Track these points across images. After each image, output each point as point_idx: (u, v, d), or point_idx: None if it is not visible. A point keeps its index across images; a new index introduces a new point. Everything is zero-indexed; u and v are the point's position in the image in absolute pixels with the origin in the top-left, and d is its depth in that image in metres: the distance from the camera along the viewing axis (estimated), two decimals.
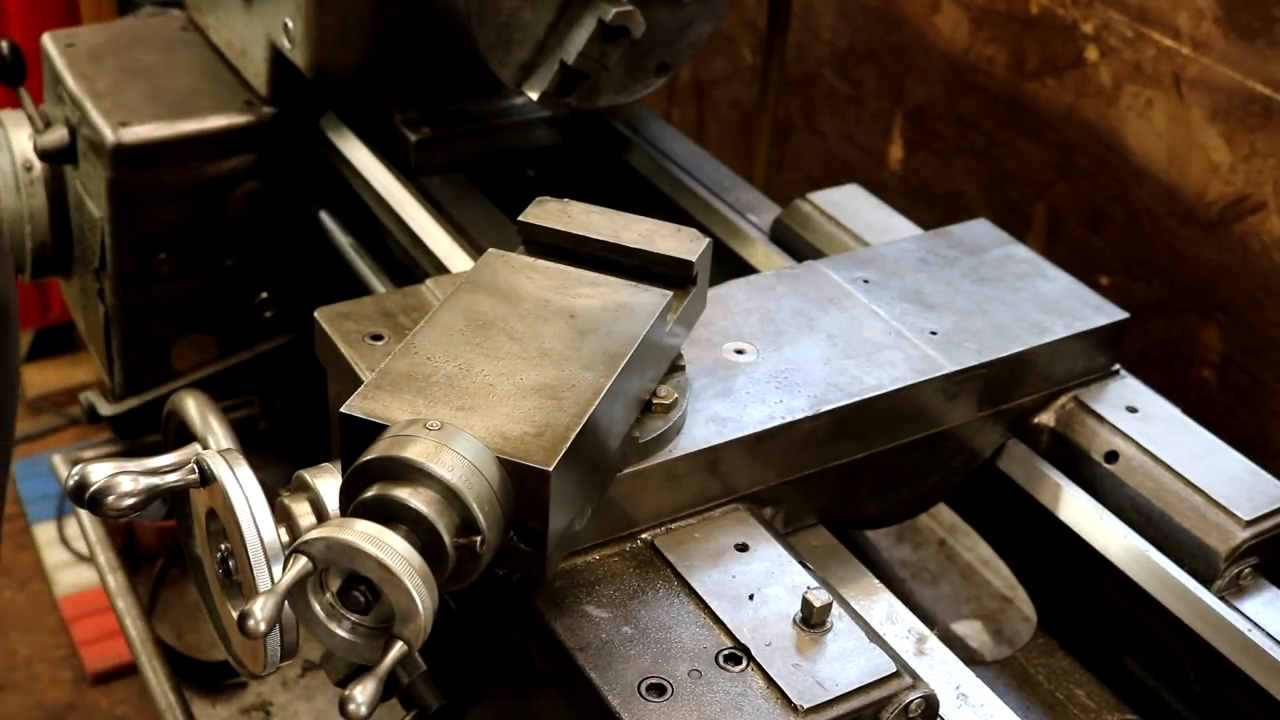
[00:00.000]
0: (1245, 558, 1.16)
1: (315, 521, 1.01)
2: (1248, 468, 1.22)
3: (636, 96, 1.60)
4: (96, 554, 1.82)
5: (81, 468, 0.93)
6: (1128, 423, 1.26)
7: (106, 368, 1.81)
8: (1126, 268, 1.84)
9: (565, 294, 1.04)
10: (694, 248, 1.09)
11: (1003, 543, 1.40)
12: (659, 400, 1.06)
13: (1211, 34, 1.66)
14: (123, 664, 2.25)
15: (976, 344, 1.23)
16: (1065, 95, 1.87)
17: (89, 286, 1.77)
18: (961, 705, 1.07)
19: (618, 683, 0.93)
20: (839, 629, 0.98)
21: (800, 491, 1.16)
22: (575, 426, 0.90)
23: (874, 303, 1.26)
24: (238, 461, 0.96)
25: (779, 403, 1.13)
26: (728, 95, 2.53)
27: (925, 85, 2.10)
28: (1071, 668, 1.26)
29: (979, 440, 1.27)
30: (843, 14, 2.23)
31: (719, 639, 0.97)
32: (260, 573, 0.94)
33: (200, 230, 1.70)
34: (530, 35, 1.46)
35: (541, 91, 1.49)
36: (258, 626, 0.79)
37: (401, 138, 1.64)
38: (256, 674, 1.00)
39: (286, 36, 1.57)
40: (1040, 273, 1.35)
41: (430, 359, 0.96)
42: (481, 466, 0.86)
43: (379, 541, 0.81)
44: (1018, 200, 1.99)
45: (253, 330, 1.80)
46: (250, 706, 1.90)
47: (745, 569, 1.03)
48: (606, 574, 1.03)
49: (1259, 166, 1.64)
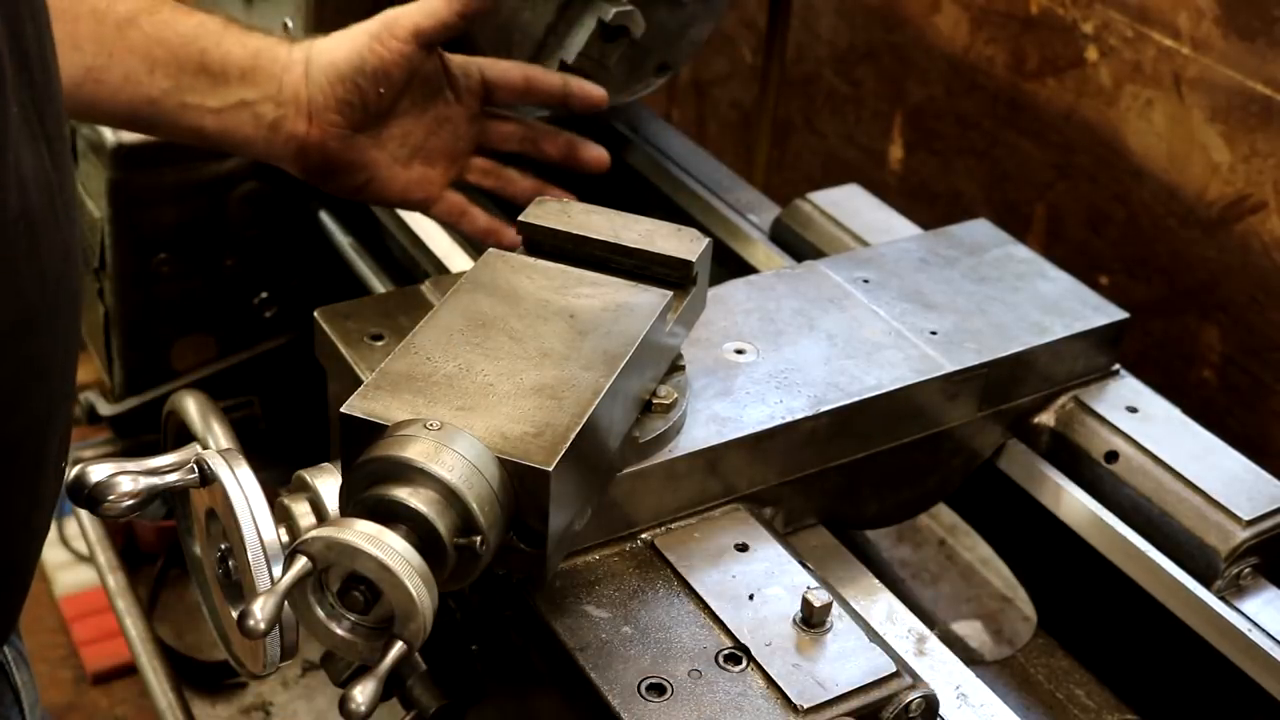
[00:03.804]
0: (1245, 558, 1.16)
1: (315, 521, 1.00)
2: (1248, 468, 1.22)
3: (636, 96, 1.60)
4: (96, 554, 1.82)
5: (81, 467, 0.93)
6: (1128, 423, 1.26)
7: (106, 368, 1.81)
8: (1126, 268, 1.84)
9: (565, 294, 1.04)
10: (694, 248, 1.09)
11: (1003, 543, 1.40)
12: (659, 400, 1.06)
13: (1211, 34, 1.66)
14: (122, 664, 2.25)
15: (976, 344, 1.23)
16: (1065, 95, 1.87)
17: (89, 286, 1.77)
18: (961, 705, 1.07)
19: (618, 682, 0.93)
20: (839, 629, 0.98)
21: (800, 491, 1.16)
22: (575, 426, 0.90)
23: (874, 303, 1.27)
24: (238, 461, 0.96)
25: (779, 403, 1.13)
26: (728, 95, 2.53)
27: (925, 85, 2.10)
28: (1071, 668, 1.26)
29: (979, 440, 1.27)
30: (843, 14, 2.23)
31: (719, 639, 0.97)
32: (260, 573, 0.94)
33: (200, 230, 1.70)
34: (530, 35, 1.46)
35: None
36: (258, 626, 0.79)
37: None
38: (256, 674, 1.00)
39: (286, 36, 1.57)
40: (1040, 273, 1.35)
41: (430, 359, 0.96)
42: (481, 466, 0.86)
43: (379, 541, 0.81)
44: (1018, 200, 1.99)
45: (253, 330, 1.80)
46: (250, 706, 1.90)
47: (745, 569, 1.03)
48: (606, 574, 1.03)
49: (1259, 166, 1.64)
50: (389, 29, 1.27)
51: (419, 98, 1.33)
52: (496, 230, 1.39)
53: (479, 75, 1.37)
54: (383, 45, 1.27)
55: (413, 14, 1.28)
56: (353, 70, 1.26)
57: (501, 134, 1.41)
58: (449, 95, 1.35)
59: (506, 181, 1.41)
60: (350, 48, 1.27)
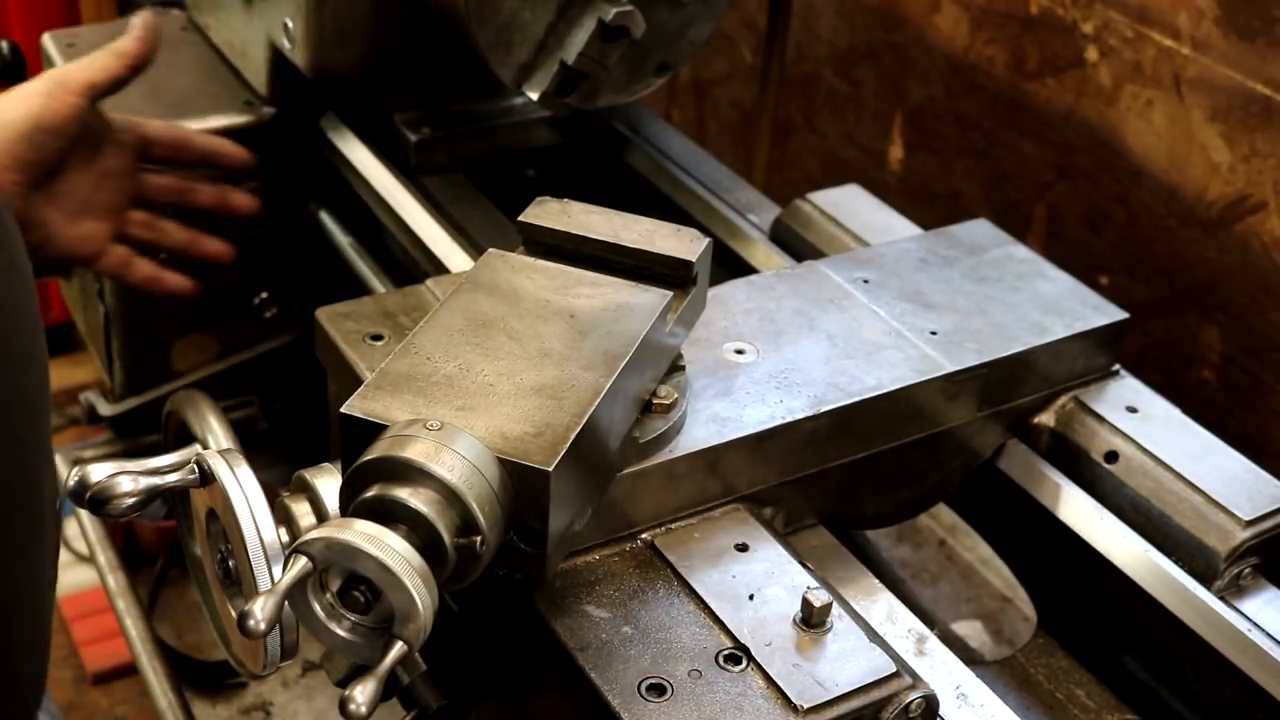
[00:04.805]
0: (1245, 558, 1.16)
1: (315, 521, 1.00)
2: (1248, 468, 1.22)
3: (636, 96, 1.60)
4: (96, 554, 1.82)
5: (81, 468, 0.93)
6: (1128, 423, 1.26)
7: (106, 368, 1.81)
8: (1126, 268, 1.84)
9: (565, 294, 1.04)
10: (694, 248, 1.09)
11: (1003, 543, 1.40)
12: (659, 400, 1.06)
13: (1211, 34, 1.66)
14: (123, 664, 2.25)
15: (976, 344, 1.23)
16: (1065, 95, 1.87)
17: (89, 286, 1.77)
18: (961, 705, 1.07)
19: (618, 683, 0.93)
20: (839, 629, 0.98)
21: (800, 491, 1.16)
22: (575, 426, 0.90)
23: (874, 303, 1.27)
24: (238, 461, 0.96)
25: (779, 403, 1.13)
26: (728, 95, 2.53)
27: (925, 85, 2.10)
28: (1071, 668, 1.26)
29: (979, 440, 1.27)
30: (843, 14, 2.23)
31: (719, 639, 0.97)
32: (260, 573, 0.94)
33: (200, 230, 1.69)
34: (530, 35, 1.46)
35: (541, 92, 1.49)
36: (258, 626, 0.79)
37: (401, 138, 1.64)
38: (256, 674, 1.00)
39: (286, 36, 1.57)
40: (1040, 273, 1.35)
41: (430, 359, 0.96)
42: (481, 466, 0.86)
43: (379, 541, 0.81)
44: (1018, 200, 1.99)
45: (253, 330, 1.80)
46: (250, 706, 1.90)
47: (745, 569, 1.03)
48: (606, 574, 1.03)
49: (1259, 166, 1.64)
50: (62, 85, 1.37)
51: (86, 153, 1.42)
52: (159, 278, 1.53)
53: (137, 132, 1.48)
54: (58, 101, 1.36)
55: (84, 70, 1.39)
56: (30, 128, 1.34)
57: (157, 187, 1.53)
58: (110, 150, 1.45)
59: (162, 233, 1.53)
60: (26, 107, 1.35)
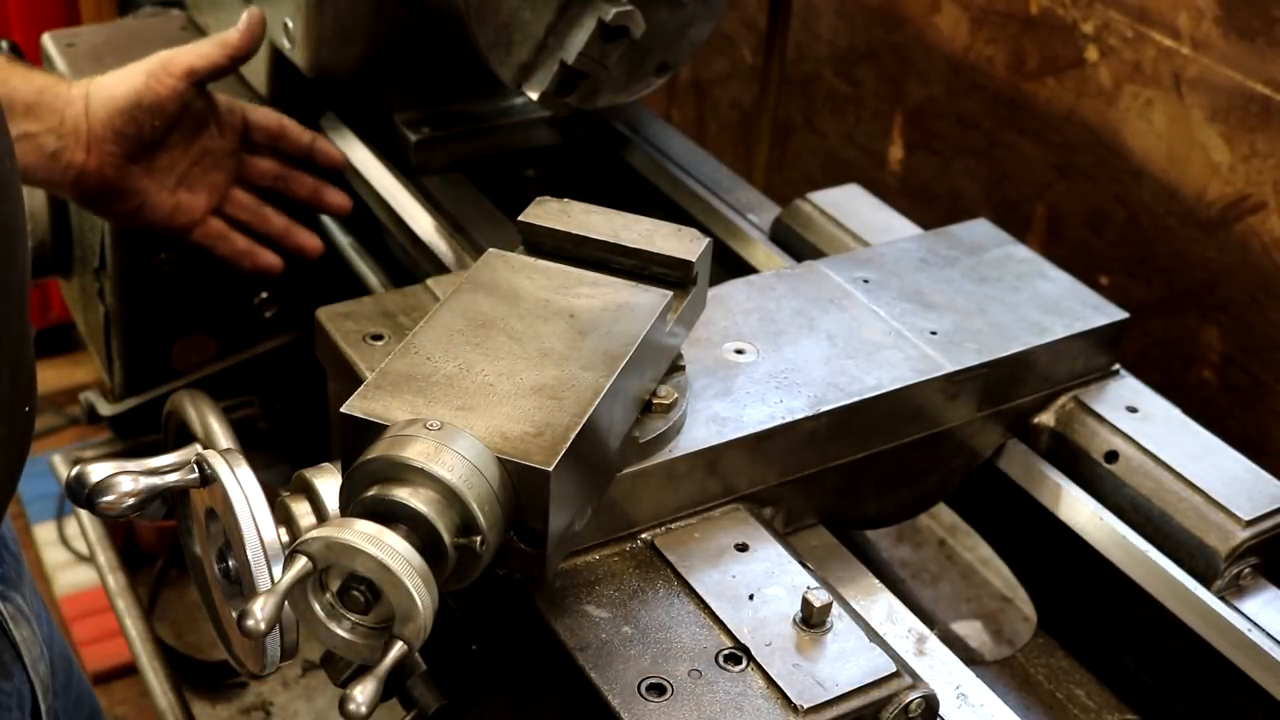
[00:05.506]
0: (1245, 558, 1.16)
1: (315, 521, 1.00)
2: (1248, 468, 1.22)
3: (636, 96, 1.60)
4: (96, 554, 1.82)
5: (81, 468, 0.93)
6: (1128, 423, 1.26)
7: (106, 368, 1.81)
8: (1126, 268, 1.84)
9: (565, 294, 1.04)
10: (694, 248, 1.09)
11: (1003, 543, 1.40)
12: (659, 400, 1.06)
13: (1211, 34, 1.66)
14: (123, 664, 2.25)
15: (976, 344, 1.23)
16: (1065, 95, 1.87)
17: (89, 286, 1.77)
18: (961, 705, 1.07)
19: (618, 682, 0.93)
20: (839, 629, 0.98)
21: (800, 491, 1.16)
22: (575, 426, 0.90)
23: (874, 303, 1.27)
24: (238, 461, 0.96)
25: (779, 403, 1.13)
26: (728, 95, 2.53)
27: (925, 85, 2.10)
28: (1071, 668, 1.26)
29: (979, 440, 1.27)
30: (843, 14, 2.23)
31: (719, 639, 0.97)
32: (260, 573, 0.94)
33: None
34: (530, 35, 1.46)
35: (541, 91, 1.49)
36: (258, 626, 0.79)
37: (401, 138, 1.64)
38: (256, 674, 1.00)
39: (286, 36, 1.57)
40: (1040, 273, 1.35)
41: (430, 359, 0.96)
42: (481, 466, 0.86)
43: (379, 541, 0.81)
44: (1018, 200, 1.99)
45: (253, 330, 1.80)
46: (250, 706, 1.90)
47: (745, 569, 1.03)
48: (606, 574, 1.03)
49: (1259, 166, 1.64)
50: (165, 68, 1.44)
51: (187, 132, 1.49)
52: (252, 252, 1.58)
53: (241, 115, 1.55)
54: (158, 82, 1.43)
55: (188, 55, 1.46)
56: (130, 104, 1.42)
57: (258, 170, 1.59)
58: (214, 130, 1.52)
59: (263, 219, 1.59)
60: (129, 84, 1.43)
